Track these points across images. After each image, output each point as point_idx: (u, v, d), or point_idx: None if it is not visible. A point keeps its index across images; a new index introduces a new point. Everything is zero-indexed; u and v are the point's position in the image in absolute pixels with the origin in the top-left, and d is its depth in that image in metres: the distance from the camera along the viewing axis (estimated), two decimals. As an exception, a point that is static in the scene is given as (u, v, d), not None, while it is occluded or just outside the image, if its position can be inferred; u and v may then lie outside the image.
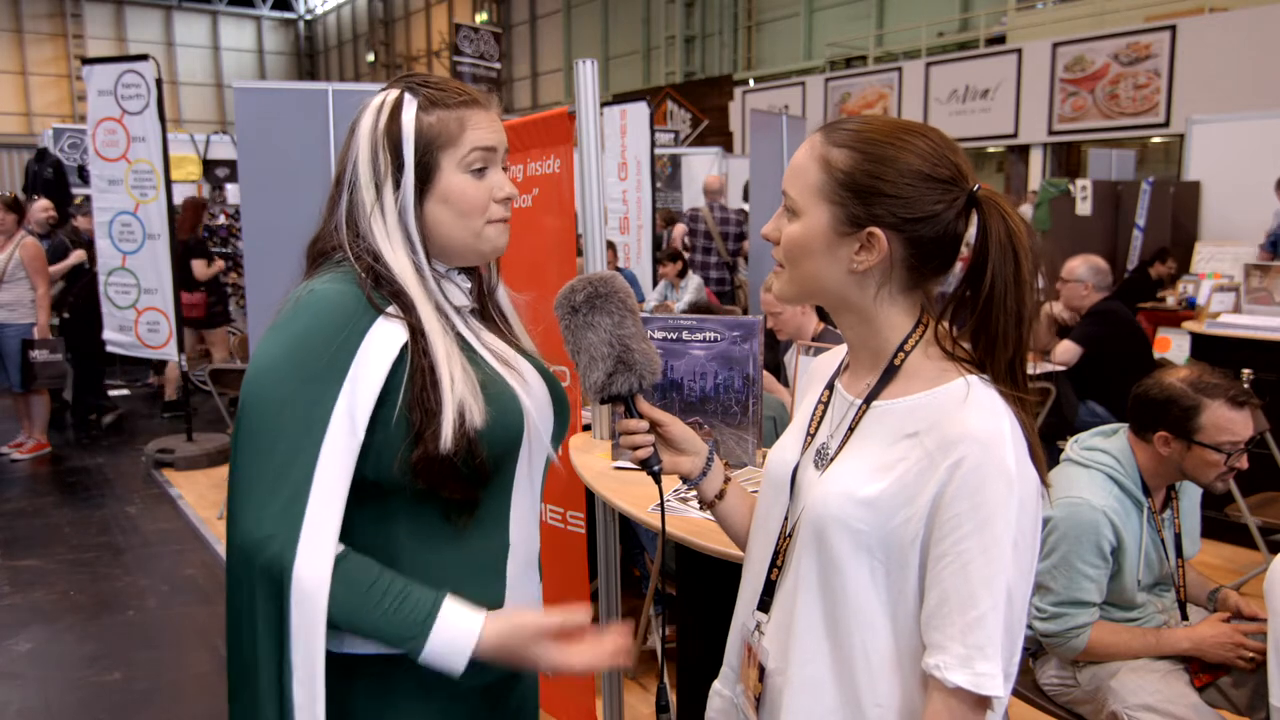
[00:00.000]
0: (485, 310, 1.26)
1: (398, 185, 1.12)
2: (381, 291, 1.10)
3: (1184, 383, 2.03)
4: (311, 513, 1.00)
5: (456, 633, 1.04)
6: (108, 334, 5.91)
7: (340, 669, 1.09)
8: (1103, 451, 2.12)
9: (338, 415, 1.02)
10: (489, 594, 1.15)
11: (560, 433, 1.27)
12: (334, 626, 1.03)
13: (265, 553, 0.99)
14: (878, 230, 0.99)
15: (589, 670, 1.11)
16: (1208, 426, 1.98)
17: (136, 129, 5.47)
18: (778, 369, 3.76)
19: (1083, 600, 2.03)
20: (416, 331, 1.09)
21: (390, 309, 1.09)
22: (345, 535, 1.07)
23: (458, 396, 1.06)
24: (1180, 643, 2.06)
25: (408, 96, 1.13)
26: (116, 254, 5.77)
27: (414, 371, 1.07)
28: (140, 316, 5.79)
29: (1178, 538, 2.16)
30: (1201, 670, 2.06)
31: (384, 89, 1.17)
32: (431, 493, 1.09)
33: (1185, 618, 2.17)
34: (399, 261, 1.11)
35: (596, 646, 1.10)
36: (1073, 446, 2.18)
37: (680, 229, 7.73)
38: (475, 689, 1.16)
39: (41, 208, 6.78)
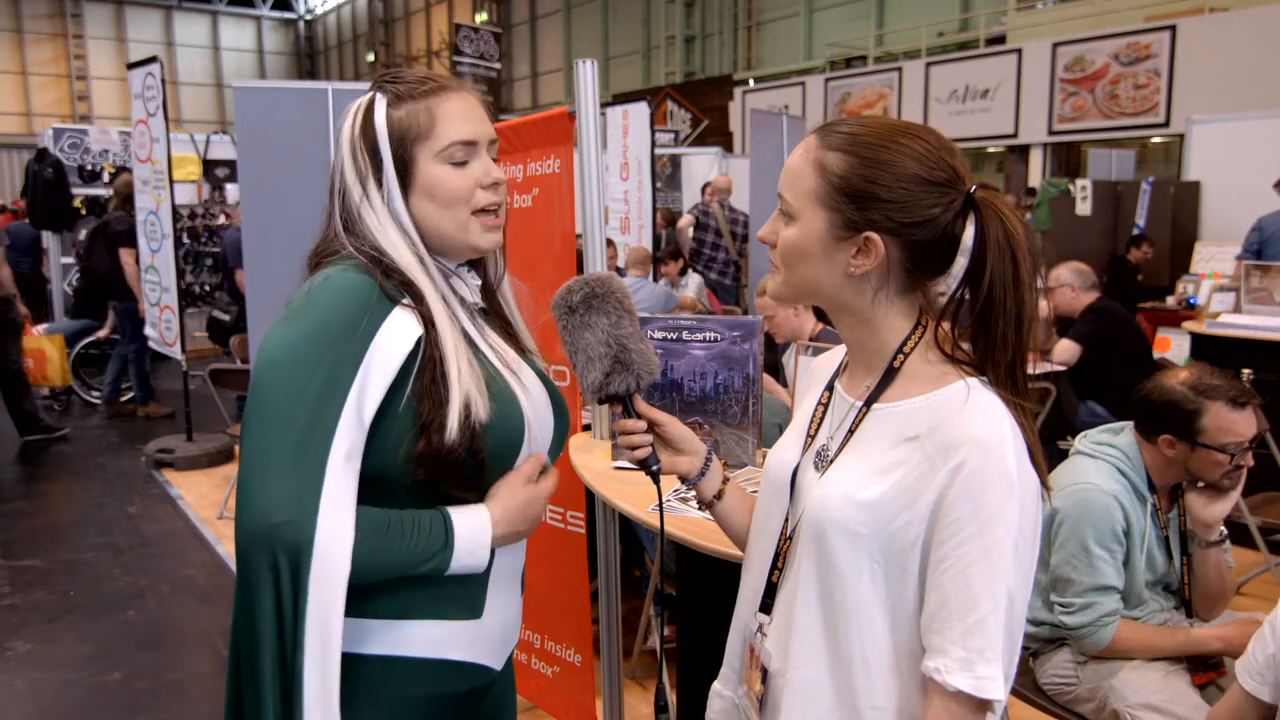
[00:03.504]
0: (491, 309, 1.26)
1: (379, 184, 1.12)
2: (393, 281, 1.10)
3: (1184, 385, 2.03)
4: (327, 494, 0.99)
5: (473, 534, 1.10)
6: (147, 330, 6.07)
7: None
8: (1111, 446, 2.14)
9: (348, 408, 1.02)
10: (469, 601, 1.15)
11: (560, 439, 1.27)
12: (364, 579, 1.03)
13: (281, 538, 0.97)
14: (874, 235, 0.99)
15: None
16: (1210, 428, 1.99)
17: (155, 130, 5.54)
18: (776, 370, 3.76)
19: (1106, 585, 2.03)
20: (428, 322, 1.09)
21: (405, 300, 1.09)
22: None
23: (464, 388, 1.06)
24: (1210, 642, 2.04)
25: (378, 96, 1.15)
26: (148, 252, 5.92)
27: (424, 363, 1.07)
28: (161, 314, 5.86)
29: (1183, 536, 2.15)
30: (1201, 669, 2.06)
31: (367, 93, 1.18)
32: (426, 490, 1.09)
33: (1190, 615, 2.17)
34: (401, 254, 1.11)
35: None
36: (1082, 440, 2.20)
37: (686, 220, 7.78)
38: (445, 697, 1.15)
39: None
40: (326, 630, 0.99)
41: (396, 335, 1.06)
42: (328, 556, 0.98)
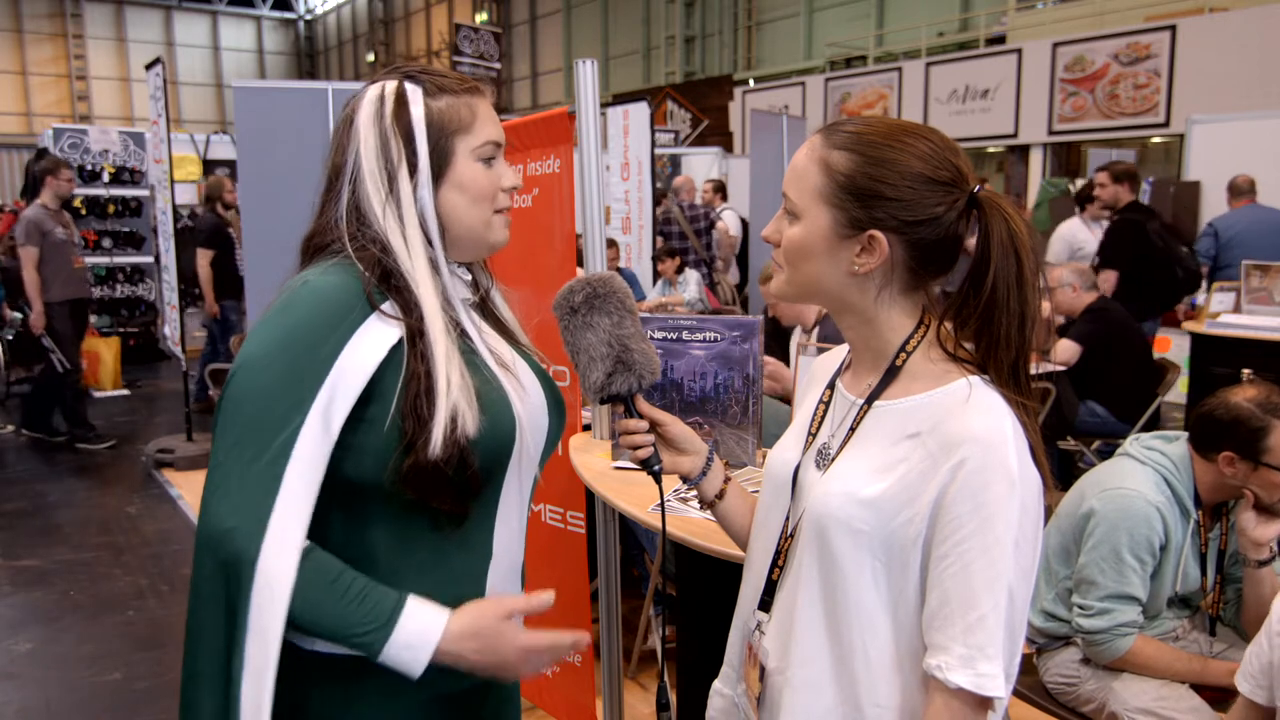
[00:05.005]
0: (484, 306, 1.25)
1: (413, 173, 1.10)
2: (383, 287, 1.08)
3: (1252, 403, 1.97)
4: (280, 506, 0.99)
5: (420, 629, 1.02)
6: (165, 329, 6.09)
7: (302, 668, 1.07)
8: (1162, 453, 2.09)
9: (314, 412, 1.01)
10: (469, 601, 1.13)
11: (556, 435, 1.26)
12: (293, 624, 1.00)
13: (230, 545, 0.98)
14: (878, 233, 0.99)
15: (551, 652, 1.10)
16: (1276, 448, 1.93)
17: (161, 130, 5.57)
18: (785, 354, 3.77)
19: (1130, 595, 2.00)
20: (415, 333, 1.06)
21: (386, 306, 1.07)
22: (321, 537, 1.06)
23: (451, 402, 1.04)
24: (1224, 677, 2.00)
25: (410, 85, 1.12)
26: (164, 252, 6.05)
27: (409, 377, 1.05)
28: (170, 314, 5.89)
29: (1221, 554, 2.12)
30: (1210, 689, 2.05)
31: (376, 80, 1.15)
32: (420, 502, 1.07)
33: (1213, 634, 2.16)
34: (413, 253, 1.09)
35: (557, 634, 1.09)
36: (1132, 443, 2.15)
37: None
38: (443, 696, 1.14)
39: None
40: (265, 644, 0.98)
41: (369, 344, 1.04)
42: (270, 575, 0.97)
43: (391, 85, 1.12)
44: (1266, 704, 1.65)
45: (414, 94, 1.11)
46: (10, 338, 7.10)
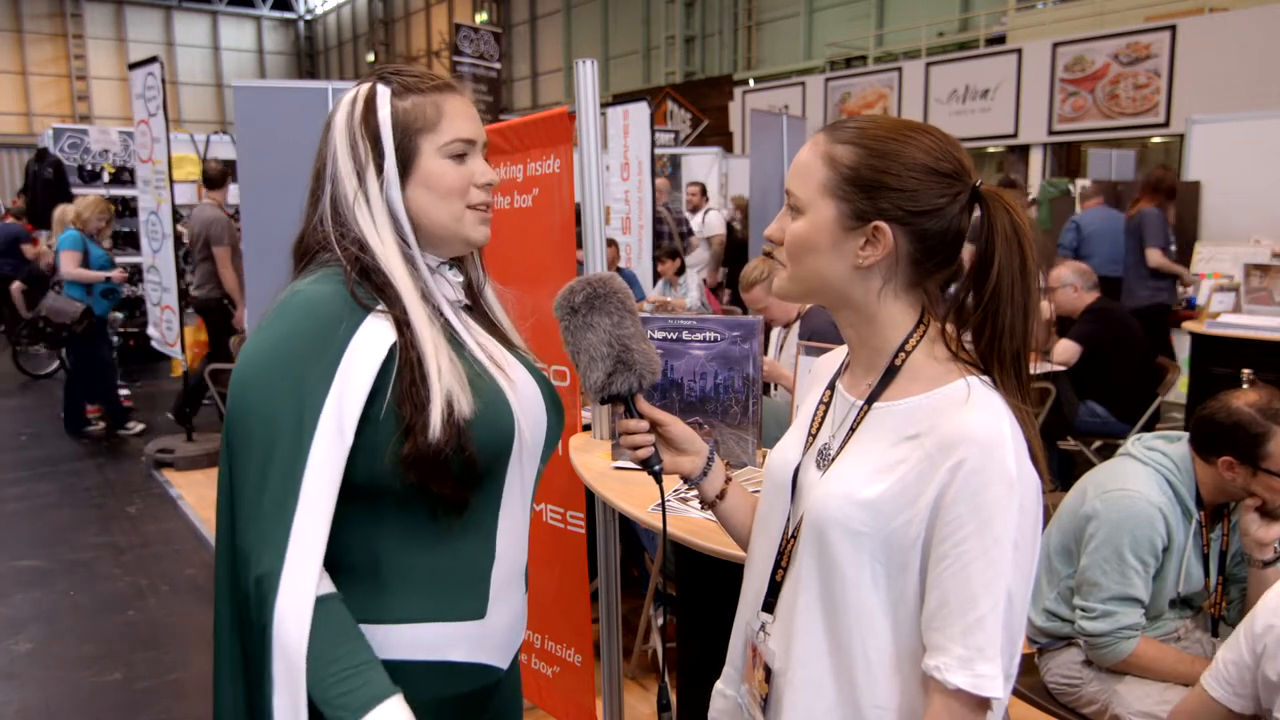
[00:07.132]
0: (476, 306, 1.26)
1: (380, 172, 1.12)
2: (366, 286, 1.09)
3: (1252, 408, 1.96)
4: (295, 540, 1.00)
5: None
6: (150, 329, 6.07)
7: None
8: (1163, 454, 2.08)
9: (325, 423, 1.02)
10: (471, 604, 1.14)
11: (556, 434, 1.26)
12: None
13: (253, 582, 1.00)
14: (883, 224, 1.00)
15: None
16: (1276, 454, 1.92)
17: (156, 130, 5.56)
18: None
19: (1134, 596, 2.00)
20: (402, 324, 1.08)
21: (379, 306, 1.08)
22: (332, 536, 1.06)
23: (445, 386, 1.06)
24: None
25: (380, 87, 1.14)
26: (149, 252, 5.97)
27: (402, 366, 1.06)
28: (162, 314, 5.87)
29: (1223, 555, 2.12)
30: None
31: (356, 84, 1.18)
32: (420, 492, 1.07)
33: (1215, 634, 2.16)
34: (387, 250, 1.11)
35: None
36: (1134, 443, 2.15)
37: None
38: (445, 699, 1.14)
39: None
40: (294, 690, 0.99)
41: (370, 344, 1.06)
42: (284, 632, 0.99)
43: (365, 89, 1.15)
44: (1249, 711, 1.64)
45: (382, 95, 1.14)
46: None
